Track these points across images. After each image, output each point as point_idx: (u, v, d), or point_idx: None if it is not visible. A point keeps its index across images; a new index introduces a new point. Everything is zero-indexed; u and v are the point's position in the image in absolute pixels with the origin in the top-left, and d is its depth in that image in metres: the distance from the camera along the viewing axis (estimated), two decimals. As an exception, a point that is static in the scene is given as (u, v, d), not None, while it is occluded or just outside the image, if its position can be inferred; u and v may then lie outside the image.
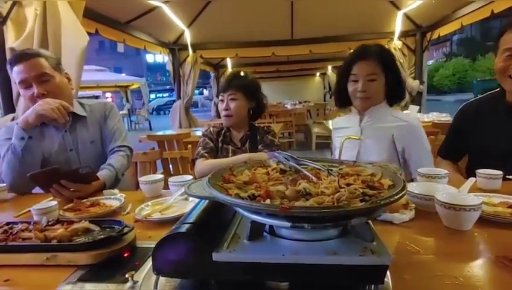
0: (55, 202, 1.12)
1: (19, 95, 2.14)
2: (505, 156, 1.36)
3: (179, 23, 4.78)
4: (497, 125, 1.48)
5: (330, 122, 1.77)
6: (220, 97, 1.77)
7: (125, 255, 0.80)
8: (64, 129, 1.56)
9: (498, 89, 1.52)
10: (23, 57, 1.47)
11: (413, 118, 1.56)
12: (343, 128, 1.64)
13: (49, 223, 0.91)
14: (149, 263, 0.72)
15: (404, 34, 5.35)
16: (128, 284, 0.66)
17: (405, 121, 1.49)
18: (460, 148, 1.64)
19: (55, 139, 1.55)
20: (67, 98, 1.54)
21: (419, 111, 4.67)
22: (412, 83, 5.41)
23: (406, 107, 5.23)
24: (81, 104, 1.67)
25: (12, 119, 2.11)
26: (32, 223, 0.93)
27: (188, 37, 5.26)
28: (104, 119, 1.68)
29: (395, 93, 1.52)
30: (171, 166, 2.95)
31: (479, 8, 3.85)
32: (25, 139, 1.40)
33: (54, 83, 1.49)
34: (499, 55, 1.40)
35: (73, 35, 2.21)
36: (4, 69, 2.13)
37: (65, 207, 1.17)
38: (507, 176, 1.22)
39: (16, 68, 1.46)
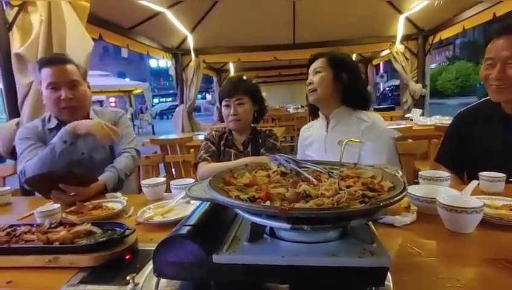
0: (58, 205, 1.13)
1: (23, 100, 2.16)
2: (504, 162, 1.34)
3: (182, 28, 4.83)
4: (495, 132, 1.43)
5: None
6: (225, 102, 1.73)
7: (127, 257, 0.80)
8: None
9: None
10: (57, 61, 1.57)
11: (375, 116, 1.56)
12: (311, 136, 1.68)
13: (52, 226, 0.92)
14: (150, 265, 0.72)
15: (406, 38, 5.36)
16: (130, 286, 0.66)
17: (367, 121, 1.51)
18: (460, 153, 1.55)
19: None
20: (88, 104, 1.67)
21: (422, 114, 4.67)
22: (414, 87, 5.41)
23: (408, 111, 5.23)
24: (94, 111, 1.74)
25: (17, 124, 2.14)
26: (35, 225, 0.94)
27: (190, 42, 5.31)
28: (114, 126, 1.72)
29: (353, 94, 1.54)
30: (173, 170, 2.96)
31: (481, 11, 3.85)
32: (67, 143, 1.44)
33: (80, 90, 1.60)
34: (483, 63, 1.38)
35: (78, 41, 2.24)
36: (10, 74, 2.16)
37: (68, 210, 1.18)
38: (510, 179, 1.21)
39: (48, 70, 1.53)
